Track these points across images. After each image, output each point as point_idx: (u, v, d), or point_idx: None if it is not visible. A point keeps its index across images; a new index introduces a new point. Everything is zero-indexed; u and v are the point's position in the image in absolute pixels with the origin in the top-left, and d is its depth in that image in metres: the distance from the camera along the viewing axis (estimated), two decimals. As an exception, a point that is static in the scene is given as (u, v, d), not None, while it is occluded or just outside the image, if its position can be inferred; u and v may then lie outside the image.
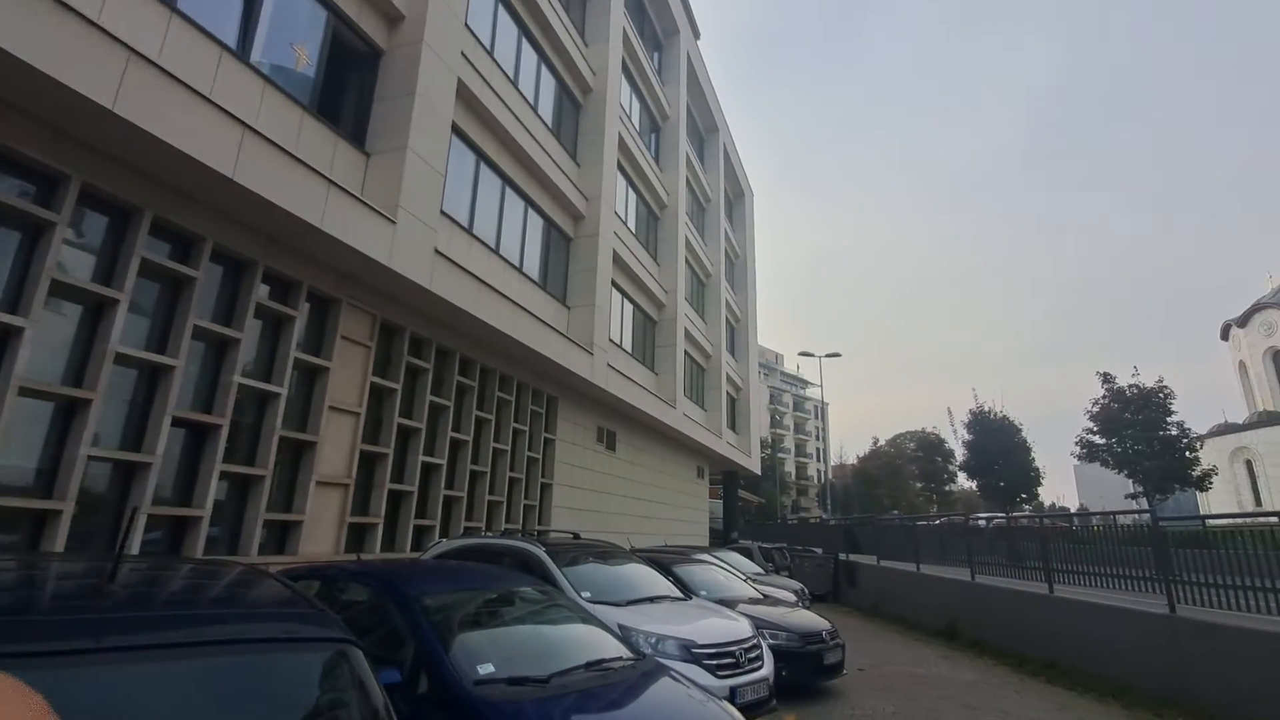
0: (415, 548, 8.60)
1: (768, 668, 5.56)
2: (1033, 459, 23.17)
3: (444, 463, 9.31)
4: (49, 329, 5.04)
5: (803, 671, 6.91)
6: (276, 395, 6.79)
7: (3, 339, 4.74)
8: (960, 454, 26.02)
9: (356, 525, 7.89)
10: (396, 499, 8.58)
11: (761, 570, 14.36)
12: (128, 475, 5.57)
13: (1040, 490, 24.75)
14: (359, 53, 8.40)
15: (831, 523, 26.98)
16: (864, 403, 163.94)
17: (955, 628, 10.96)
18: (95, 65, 4.60)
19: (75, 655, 1.61)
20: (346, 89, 8.39)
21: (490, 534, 8.23)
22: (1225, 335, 46.64)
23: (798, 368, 78.45)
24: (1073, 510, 56.55)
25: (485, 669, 3.34)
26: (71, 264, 5.25)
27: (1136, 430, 17.14)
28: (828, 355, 36.44)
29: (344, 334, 7.66)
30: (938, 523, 17.29)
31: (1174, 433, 17.06)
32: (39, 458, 5.02)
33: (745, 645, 5.49)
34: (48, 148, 4.92)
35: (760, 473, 33.73)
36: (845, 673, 7.57)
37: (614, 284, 15.50)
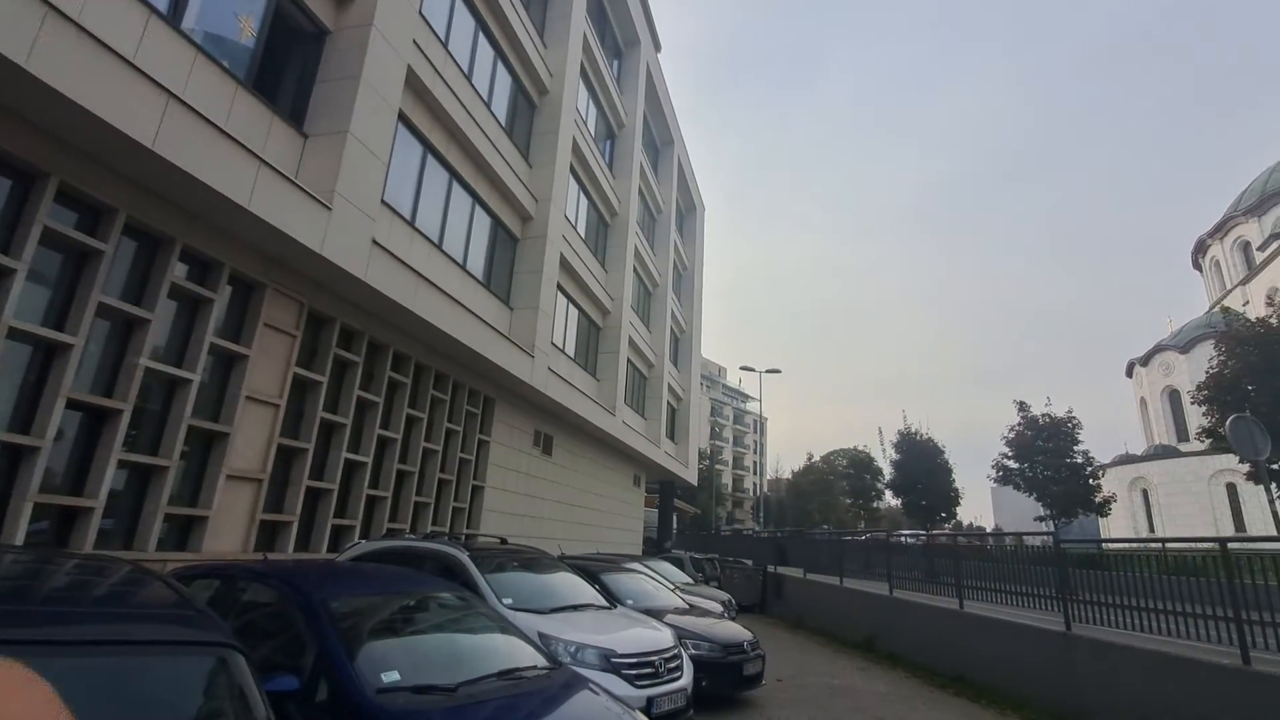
0: (332, 549, 8.24)
1: (687, 678, 5.58)
2: (953, 480, 24.30)
3: (369, 461, 8.97)
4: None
5: (723, 682, 6.97)
6: (188, 382, 6.39)
7: None
8: (888, 472, 26.98)
9: (269, 523, 7.51)
10: (315, 497, 8.21)
11: (691, 580, 14.46)
12: (14, 459, 5.14)
13: (959, 510, 25.95)
14: (303, 31, 8.07)
15: (763, 535, 27.47)
16: (802, 419, 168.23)
17: (872, 641, 11.30)
18: (9, 20, 4.26)
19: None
20: (287, 67, 8.04)
21: (413, 536, 7.97)
22: (1130, 373, 50.24)
23: (740, 382, 79.93)
24: (988, 530, 59.62)
25: (389, 677, 3.22)
26: (-42, 227, 4.82)
27: (1047, 457, 18.27)
28: (768, 371, 37.39)
29: (267, 321, 7.29)
30: (863, 538, 17.82)
31: (1080, 461, 18.27)
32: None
33: (666, 655, 5.49)
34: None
35: (697, 483, 34.07)
36: (765, 683, 7.69)
37: (560, 288, 15.39)
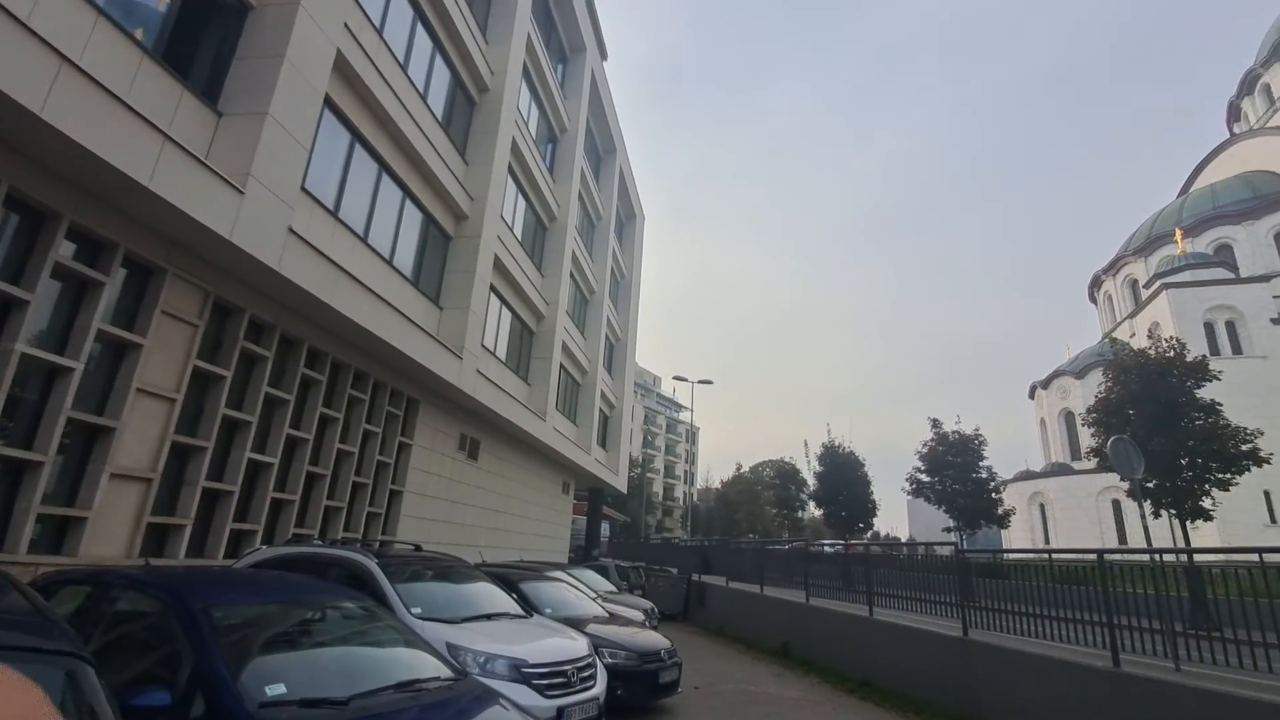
0: (231, 555, 7.72)
1: (600, 687, 5.53)
2: (872, 492, 25.29)
3: (275, 462, 8.46)
4: None
5: (638, 690, 6.97)
6: (69, 370, 5.85)
7: None
8: (812, 484, 27.80)
9: (159, 526, 6.96)
10: (213, 499, 7.67)
11: (615, 589, 14.43)
12: None
13: (876, 520, 27.06)
14: (223, 3, 7.62)
15: (690, 544, 27.74)
16: (734, 430, 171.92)
17: (788, 648, 11.58)
18: None
19: None
20: (203, 40, 7.56)
21: (320, 543, 7.58)
22: (1032, 395, 53.99)
23: (674, 391, 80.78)
24: (903, 540, 62.44)
25: (275, 690, 3.03)
26: None
27: (955, 471, 19.30)
28: (700, 381, 38.05)
29: (167, 309, 6.78)
30: (786, 548, 18.27)
31: (985, 476, 19.41)
32: None
33: (579, 664, 5.43)
34: None
35: (628, 491, 34.07)
36: (680, 691, 7.72)
37: (493, 289, 15.10)
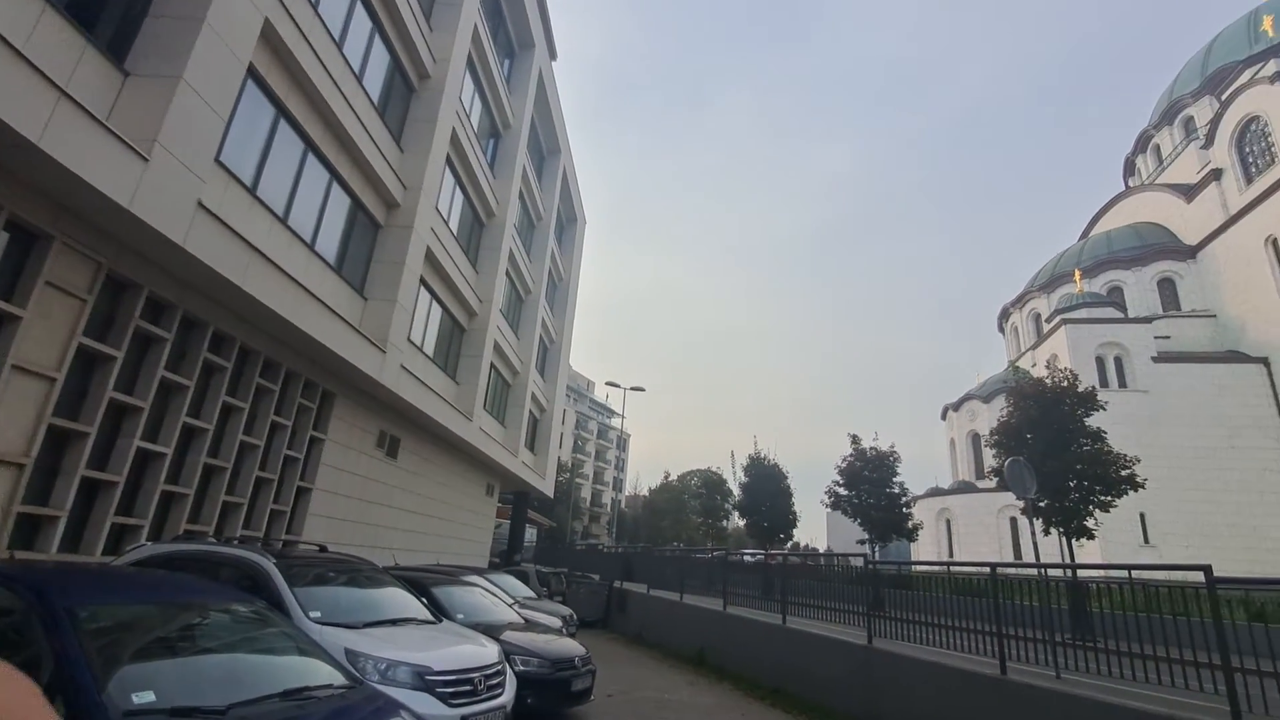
0: (111, 551, 7.07)
1: (507, 695, 5.39)
2: (793, 503, 26.04)
3: (169, 452, 7.83)
4: None
5: (549, 698, 6.85)
6: (-75, 341, 5.23)
7: None
8: (737, 494, 28.32)
9: (29, 517, 6.30)
10: (93, 489, 7.02)
11: (535, 595, 14.18)
12: None
13: (797, 531, 27.87)
14: (138, -45, 7.06)
15: (614, 551, 27.69)
16: (666, 438, 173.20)
17: (703, 655, 11.70)
18: None
19: None
20: (113, -8, 6.97)
21: (214, 540, 7.07)
22: (944, 416, 57.19)
23: (606, 397, 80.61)
24: (820, 551, 64.50)
25: (143, 697, 2.77)
26: None
27: (871, 486, 20.19)
28: (632, 388, 38.15)
29: (51, 279, 6.17)
30: (707, 556, 18.51)
31: (898, 491, 20.40)
32: None
33: (487, 672, 5.27)
34: None
35: (555, 496, 33.66)
36: (594, 699, 7.65)
37: (423, 282, 14.63)
